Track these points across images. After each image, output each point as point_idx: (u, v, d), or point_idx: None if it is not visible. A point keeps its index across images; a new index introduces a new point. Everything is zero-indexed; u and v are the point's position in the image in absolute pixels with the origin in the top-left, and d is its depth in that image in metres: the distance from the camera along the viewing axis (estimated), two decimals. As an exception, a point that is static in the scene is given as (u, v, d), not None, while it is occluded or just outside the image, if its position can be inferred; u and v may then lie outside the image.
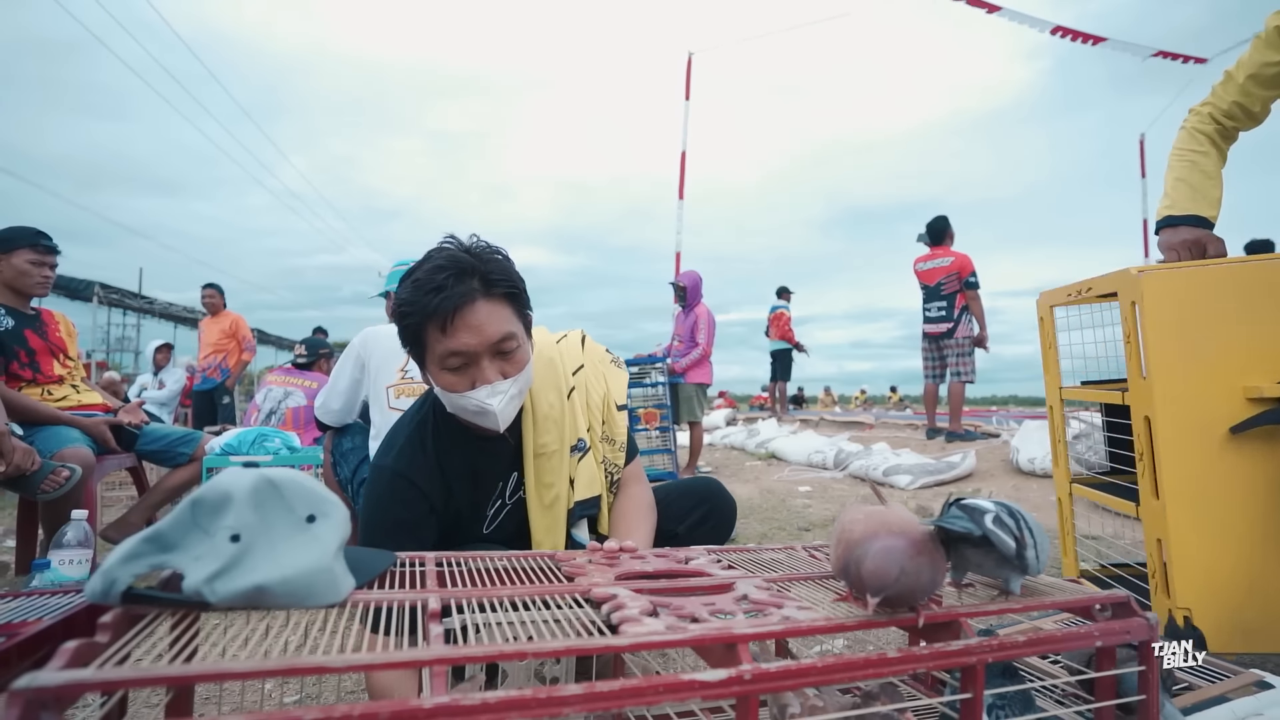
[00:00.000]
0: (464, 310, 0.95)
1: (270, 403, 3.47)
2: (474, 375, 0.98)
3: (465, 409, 1.01)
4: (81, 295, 11.08)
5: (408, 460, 1.07)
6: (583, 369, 1.19)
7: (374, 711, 0.47)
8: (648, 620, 0.61)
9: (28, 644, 0.61)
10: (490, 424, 1.01)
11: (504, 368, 1.00)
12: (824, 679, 0.61)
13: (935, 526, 0.70)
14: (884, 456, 4.41)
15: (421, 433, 1.10)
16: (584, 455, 1.14)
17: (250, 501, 0.64)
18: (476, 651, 0.53)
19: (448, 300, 0.94)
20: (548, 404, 1.12)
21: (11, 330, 2.23)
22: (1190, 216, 1.53)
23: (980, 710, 0.67)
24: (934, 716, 0.86)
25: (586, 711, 0.52)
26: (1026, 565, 0.70)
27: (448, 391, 1.00)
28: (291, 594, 0.62)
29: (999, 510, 0.70)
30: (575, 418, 1.14)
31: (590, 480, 1.15)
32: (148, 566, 0.61)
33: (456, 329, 0.95)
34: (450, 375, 0.99)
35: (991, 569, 0.72)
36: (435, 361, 0.99)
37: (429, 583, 0.73)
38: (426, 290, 0.95)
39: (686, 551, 0.88)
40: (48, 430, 2.11)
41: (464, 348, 0.96)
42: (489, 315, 0.97)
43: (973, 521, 0.69)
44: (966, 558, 0.73)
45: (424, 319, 0.96)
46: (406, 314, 0.98)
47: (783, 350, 8.04)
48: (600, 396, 1.18)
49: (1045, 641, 0.70)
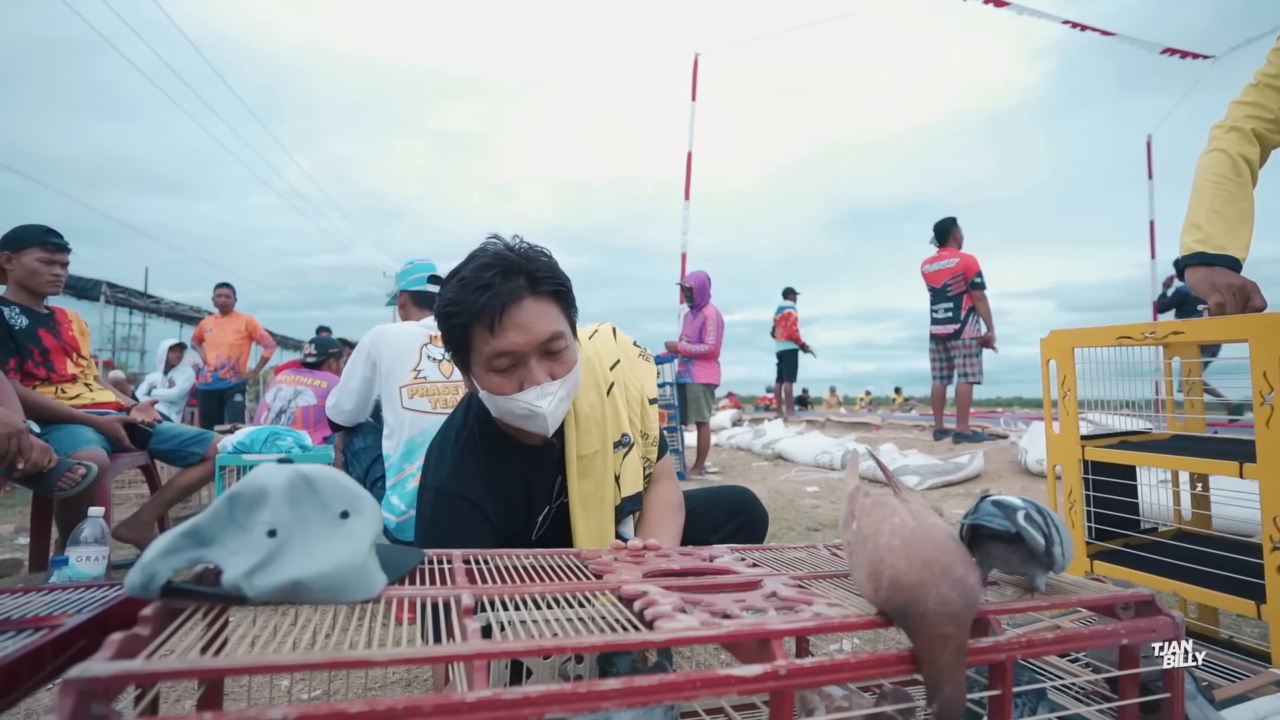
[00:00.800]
0: (512, 309, 0.93)
1: (280, 401, 3.48)
2: (522, 376, 0.96)
3: (513, 412, 0.97)
4: (89, 294, 11.13)
5: (461, 479, 1.03)
6: (620, 363, 1.16)
7: (417, 705, 0.48)
8: (681, 616, 0.61)
9: (67, 637, 0.62)
10: (538, 427, 0.98)
11: (552, 368, 0.97)
12: (857, 675, 0.61)
13: (968, 525, 0.70)
14: (891, 457, 4.41)
15: (471, 448, 1.06)
16: (629, 451, 1.12)
17: (286, 497, 0.64)
18: (515, 646, 0.54)
19: (495, 298, 0.92)
20: (589, 404, 1.10)
21: (25, 329, 2.24)
22: (1225, 257, 1.40)
23: (1009, 708, 0.67)
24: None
25: (625, 706, 0.53)
26: (1054, 562, 0.70)
27: (494, 394, 0.97)
28: (327, 589, 0.62)
29: (1028, 507, 0.71)
30: (618, 414, 1.12)
31: (635, 476, 1.13)
32: (186, 561, 0.62)
33: (504, 328, 0.93)
34: (498, 377, 0.96)
35: (1018, 565, 0.72)
36: (482, 363, 0.97)
37: (458, 580, 0.73)
38: (473, 289, 0.93)
39: (711, 550, 0.88)
40: (63, 429, 2.12)
41: (512, 347, 0.94)
42: (537, 314, 0.95)
43: (1007, 519, 0.69)
44: (993, 554, 0.73)
45: (471, 318, 0.94)
46: (453, 314, 0.95)
47: (789, 351, 8.04)
48: (638, 390, 1.16)
49: (1074, 639, 0.70)
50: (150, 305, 13.60)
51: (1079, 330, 1.46)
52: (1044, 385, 1.55)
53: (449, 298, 0.96)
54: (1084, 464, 1.44)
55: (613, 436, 1.11)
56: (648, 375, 1.20)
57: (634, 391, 1.16)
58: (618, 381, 1.13)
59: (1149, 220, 9.24)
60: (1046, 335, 1.53)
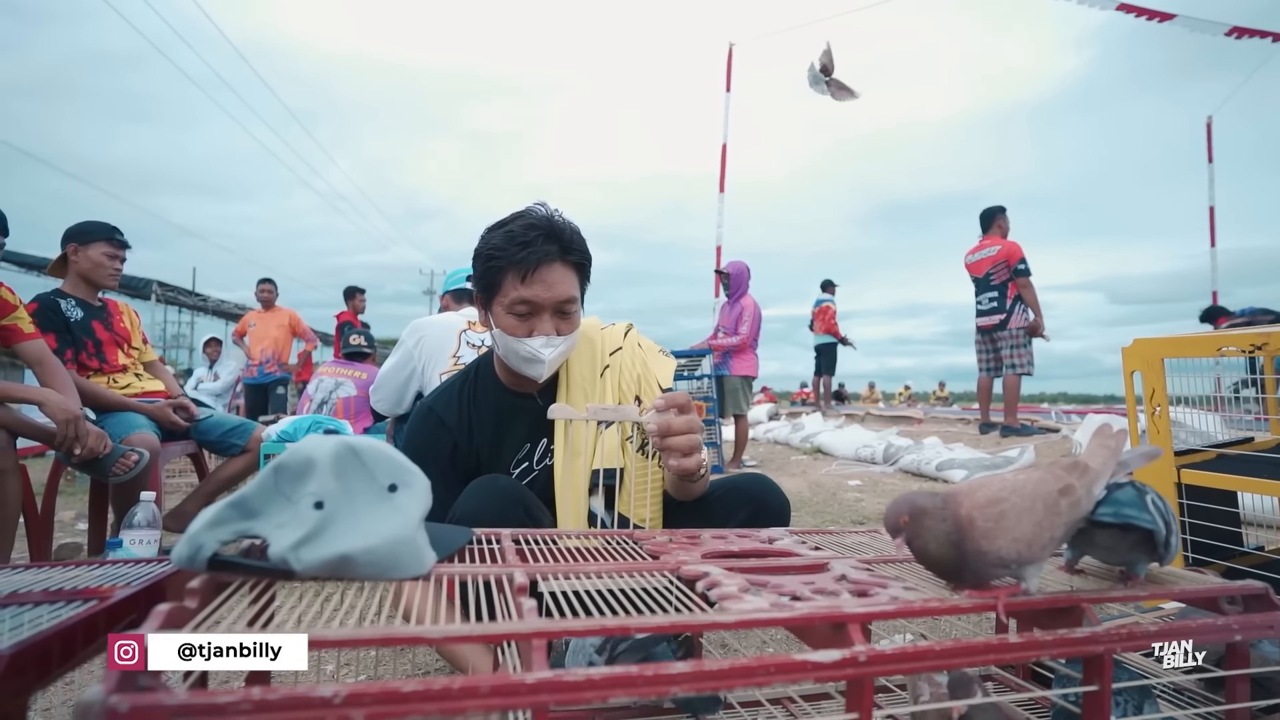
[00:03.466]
0: (543, 268, 1.06)
1: (322, 393, 3.53)
2: (533, 325, 1.09)
3: (518, 353, 1.10)
4: (141, 293, 11.51)
5: (444, 403, 1.21)
6: (620, 351, 1.26)
7: (475, 685, 0.45)
8: (749, 598, 0.57)
9: (118, 608, 0.60)
10: (535, 372, 1.11)
11: (560, 325, 1.10)
12: (942, 663, 0.56)
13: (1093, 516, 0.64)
14: (936, 451, 4.27)
15: (461, 380, 1.24)
16: (608, 427, 1.19)
17: (332, 468, 0.62)
18: (576, 625, 0.50)
19: (533, 255, 1.05)
20: (582, 376, 1.21)
21: (80, 322, 2.32)
22: None
23: (1108, 705, 0.61)
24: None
25: (693, 691, 0.49)
26: (1170, 551, 0.63)
27: (506, 334, 1.09)
28: (375, 564, 0.60)
29: (1150, 491, 0.64)
30: (604, 393, 1.22)
31: (612, 452, 1.18)
32: (232, 533, 0.60)
33: (533, 282, 1.06)
34: (513, 320, 1.09)
35: (1124, 553, 0.66)
36: (503, 305, 1.09)
37: (509, 558, 0.70)
38: (517, 242, 1.05)
39: (769, 532, 0.84)
40: (116, 416, 2.18)
41: (535, 299, 1.07)
42: (561, 277, 1.08)
43: (1143, 505, 0.63)
44: (1095, 541, 0.67)
45: (508, 265, 1.06)
46: (492, 258, 1.07)
47: (827, 344, 7.86)
48: (634, 376, 1.24)
49: (1179, 632, 0.63)
50: (198, 303, 14.03)
51: (1169, 339, 1.32)
52: (1128, 401, 1.40)
53: (493, 244, 1.08)
54: (1180, 487, 1.29)
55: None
56: (662, 367, 1.27)
57: (629, 377, 1.24)
58: (613, 366, 1.24)
59: (1208, 206, 8.80)
60: (1129, 344, 1.39)
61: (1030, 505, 0.61)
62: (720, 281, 4.88)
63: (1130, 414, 1.42)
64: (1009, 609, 0.62)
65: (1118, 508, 0.65)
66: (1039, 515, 0.61)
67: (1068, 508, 0.62)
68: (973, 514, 0.61)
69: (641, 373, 1.24)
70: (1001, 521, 0.60)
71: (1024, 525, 0.60)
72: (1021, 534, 0.60)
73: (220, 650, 0.45)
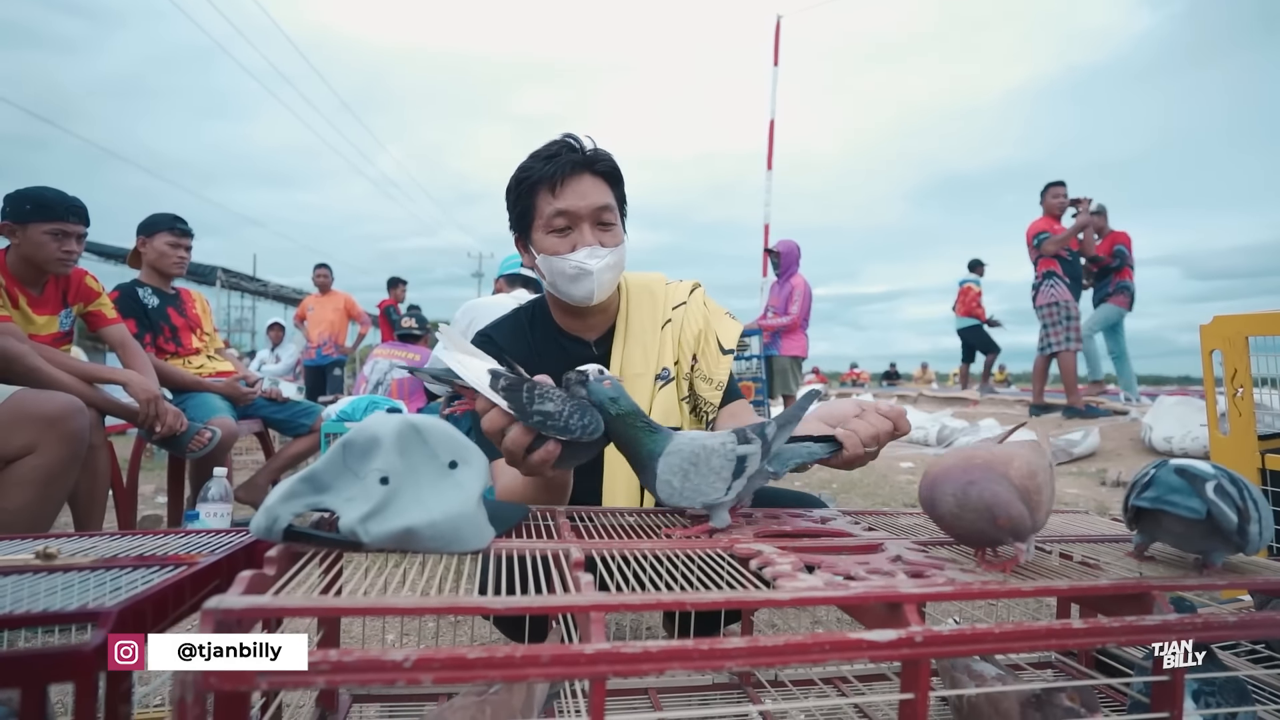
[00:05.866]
0: (572, 178, 1.06)
1: (377, 374, 3.66)
2: (575, 239, 1.07)
3: (564, 273, 1.07)
4: (206, 280, 12.09)
5: (497, 326, 1.21)
6: (684, 306, 1.22)
7: (535, 654, 0.46)
8: (804, 576, 0.57)
9: (203, 574, 0.64)
10: (585, 290, 1.07)
11: (602, 237, 1.08)
12: (1001, 646, 0.55)
13: (1140, 503, 0.62)
14: (992, 433, 4.14)
15: (527, 316, 1.22)
16: (666, 384, 1.17)
17: (396, 445, 0.64)
18: (633, 599, 0.51)
19: (560, 167, 1.05)
20: (640, 327, 1.18)
21: (157, 308, 2.46)
22: None
23: (1180, 697, 0.59)
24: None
25: (748, 666, 0.49)
26: (1247, 542, 0.60)
27: (550, 256, 1.07)
28: (438, 537, 0.62)
29: (1220, 477, 0.61)
30: (663, 347, 1.18)
31: (668, 410, 1.16)
32: (305, 506, 0.63)
33: (564, 192, 1.06)
34: (554, 238, 1.07)
35: (1197, 542, 0.63)
36: (541, 226, 1.08)
37: (564, 534, 0.72)
38: (542, 158, 1.07)
39: (822, 512, 0.83)
40: (196, 398, 2.32)
41: (570, 208, 1.06)
42: (592, 186, 1.07)
43: (1194, 491, 0.60)
44: (1165, 527, 0.64)
45: (538, 181, 1.06)
46: (522, 178, 1.08)
47: (970, 328, 7.19)
48: (695, 332, 1.20)
49: (1261, 625, 0.61)
50: (258, 289, 14.65)
51: (1254, 316, 1.23)
52: (1206, 382, 1.33)
53: (522, 166, 1.09)
54: (1264, 473, 1.23)
55: (654, 366, 1.17)
56: (726, 328, 1.23)
57: (690, 332, 1.20)
58: (674, 321, 1.20)
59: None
60: (1209, 321, 1.31)
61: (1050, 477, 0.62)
62: (769, 260, 4.81)
63: (1209, 396, 1.34)
64: (1073, 593, 0.61)
65: (1161, 492, 0.62)
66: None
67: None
68: (1026, 484, 0.61)
69: (703, 329, 1.20)
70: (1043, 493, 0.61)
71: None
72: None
73: (220, 650, 0.44)
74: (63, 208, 1.87)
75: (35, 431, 1.51)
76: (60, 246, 1.86)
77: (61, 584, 0.62)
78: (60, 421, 1.54)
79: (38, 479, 1.52)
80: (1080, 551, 0.74)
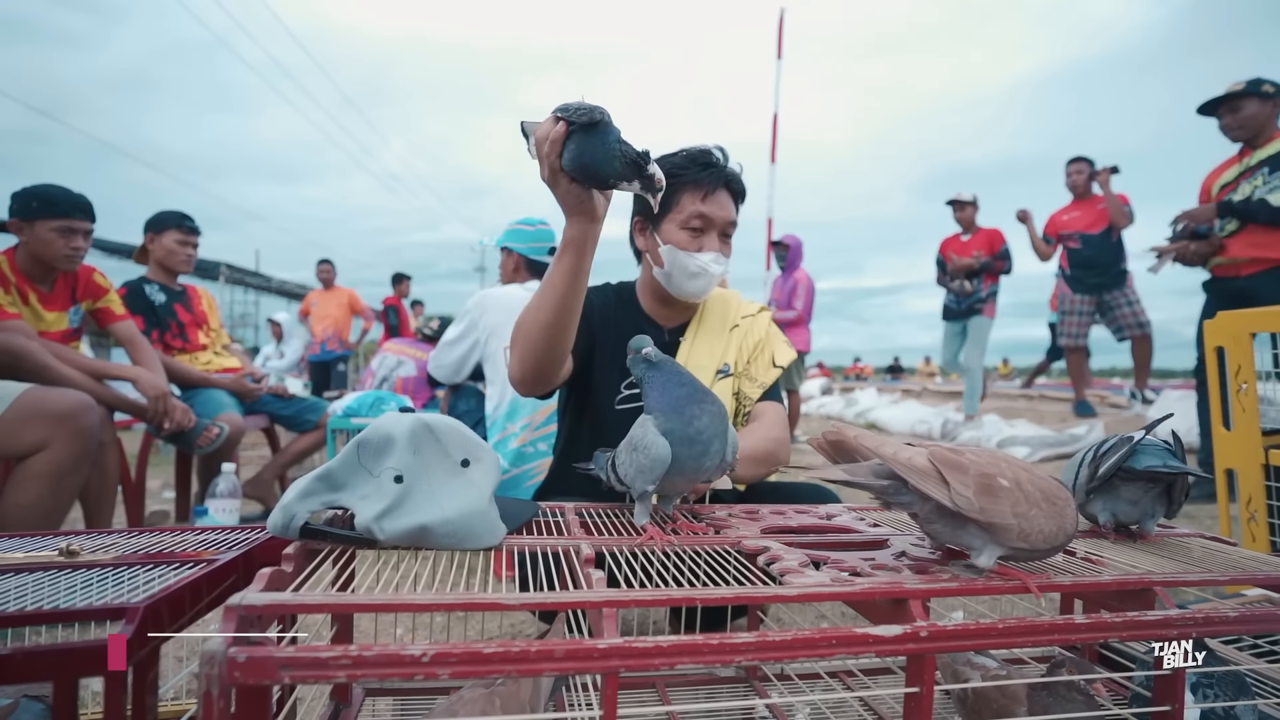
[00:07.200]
0: (719, 190, 1.16)
1: (384, 369, 3.67)
2: (703, 242, 1.16)
3: (686, 268, 1.16)
4: (210, 275, 12.10)
5: (596, 291, 1.28)
6: (751, 318, 1.32)
7: (550, 649, 0.47)
8: (810, 572, 0.58)
9: (220, 571, 0.66)
10: (696, 288, 1.17)
11: (723, 248, 1.19)
12: (1004, 641, 0.56)
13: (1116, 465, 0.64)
14: (996, 428, 4.15)
15: (610, 289, 1.31)
16: (724, 378, 1.25)
17: (410, 444, 0.65)
18: (644, 595, 0.52)
19: (715, 176, 1.15)
20: (712, 326, 1.28)
21: (164, 305, 2.48)
22: None
23: (1182, 691, 0.60)
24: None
25: (756, 661, 0.50)
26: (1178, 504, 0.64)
27: (678, 249, 1.16)
28: (451, 534, 0.63)
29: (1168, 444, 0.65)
30: (728, 346, 1.27)
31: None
32: (320, 504, 0.65)
33: (710, 200, 1.15)
34: (686, 235, 1.16)
35: (1147, 506, 0.66)
36: (678, 221, 1.16)
37: (574, 531, 0.73)
38: (700, 164, 1.15)
39: (827, 508, 0.84)
40: (203, 394, 2.33)
41: (710, 215, 1.15)
42: (728, 202, 1.18)
43: (1176, 453, 0.64)
44: (1119, 495, 0.67)
45: (689, 182, 1.15)
46: (676, 176, 1.14)
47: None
48: (755, 341, 1.29)
49: (1261, 620, 0.61)
50: (262, 284, 14.66)
51: (1258, 312, 1.24)
52: (1210, 378, 1.33)
53: (675, 163, 1.16)
54: (1267, 469, 1.23)
55: (718, 361, 1.26)
56: (782, 348, 1.31)
57: (751, 340, 1.30)
58: (741, 327, 1.30)
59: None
60: (1213, 319, 1.31)
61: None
62: (773, 253, 4.80)
63: (1213, 391, 1.34)
64: (1078, 589, 0.62)
65: (1164, 459, 0.65)
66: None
67: None
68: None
69: (763, 340, 1.29)
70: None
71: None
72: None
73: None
74: (68, 205, 1.88)
75: (47, 428, 1.53)
76: (67, 243, 1.88)
77: (82, 581, 0.63)
78: (71, 418, 1.56)
79: (49, 475, 1.53)
80: (1083, 548, 0.75)
